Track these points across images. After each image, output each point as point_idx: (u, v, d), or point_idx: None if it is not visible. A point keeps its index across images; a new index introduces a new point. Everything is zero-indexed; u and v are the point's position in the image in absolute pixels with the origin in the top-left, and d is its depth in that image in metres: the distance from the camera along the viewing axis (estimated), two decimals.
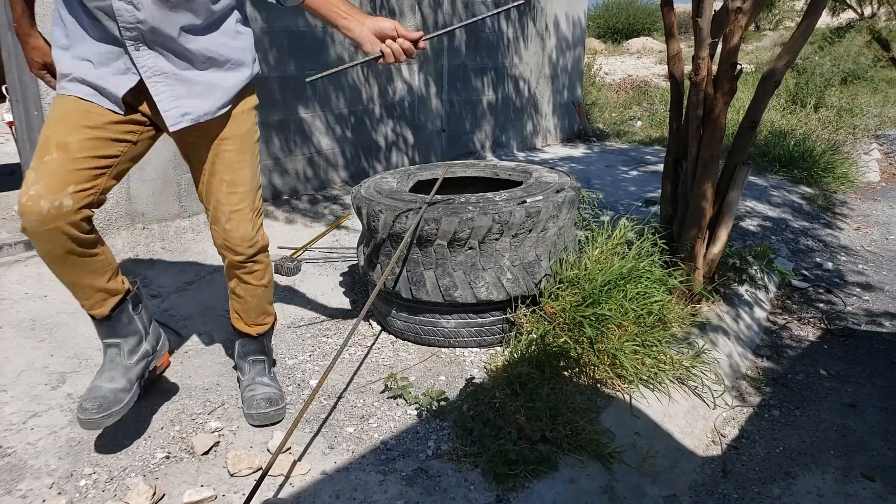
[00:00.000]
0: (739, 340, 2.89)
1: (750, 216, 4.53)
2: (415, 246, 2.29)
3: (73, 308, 2.66)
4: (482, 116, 6.06)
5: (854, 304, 3.48)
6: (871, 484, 2.07)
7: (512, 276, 2.30)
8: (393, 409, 2.06)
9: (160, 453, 1.82)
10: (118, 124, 1.64)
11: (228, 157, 1.77)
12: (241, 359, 2.07)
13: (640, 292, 2.40)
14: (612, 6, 20.47)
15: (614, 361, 2.21)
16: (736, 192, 2.84)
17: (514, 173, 2.81)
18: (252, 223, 1.83)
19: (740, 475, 2.11)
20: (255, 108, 1.85)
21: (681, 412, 2.26)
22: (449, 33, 1.66)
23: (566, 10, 6.84)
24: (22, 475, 1.73)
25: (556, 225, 2.38)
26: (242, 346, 2.07)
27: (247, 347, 2.07)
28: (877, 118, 8.33)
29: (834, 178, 5.83)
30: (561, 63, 6.96)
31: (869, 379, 2.72)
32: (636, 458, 1.95)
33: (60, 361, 2.29)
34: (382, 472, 1.76)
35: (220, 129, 1.75)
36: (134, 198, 3.46)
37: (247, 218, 1.81)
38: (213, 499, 1.65)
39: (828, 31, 11.21)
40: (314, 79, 1.65)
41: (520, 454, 1.78)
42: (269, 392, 1.98)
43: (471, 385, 2.09)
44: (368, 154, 5.01)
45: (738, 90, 2.75)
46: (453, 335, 2.41)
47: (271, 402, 1.96)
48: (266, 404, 1.95)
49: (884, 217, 5.12)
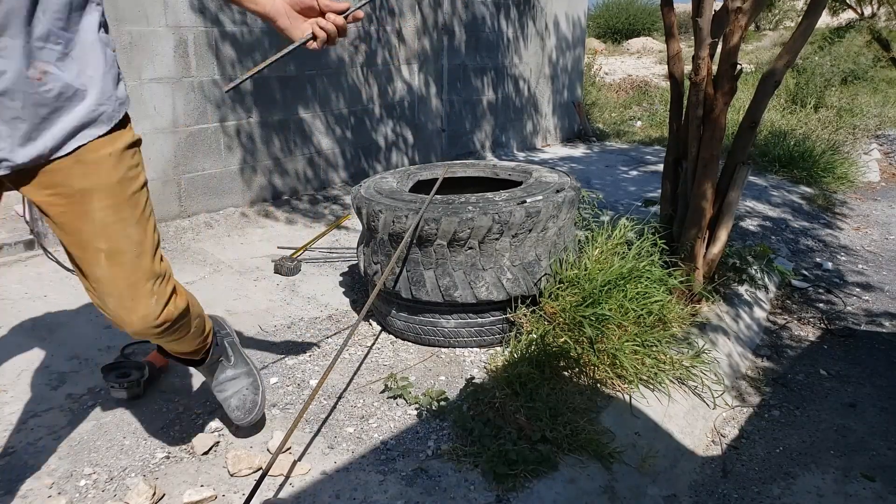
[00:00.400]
0: (739, 340, 2.89)
1: (750, 216, 4.53)
2: (415, 246, 2.29)
3: (73, 308, 2.66)
4: (482, 116, 6.06)
5: (854, 304, 3.48)
6: (872, 484, 2.07)
7: (512, 275, 2.30)
8: (393, 409, 2.06)
9: (160, 453, 1.82)
10: None
11: (100, 217, 1.30)
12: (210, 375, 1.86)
13: (640, 292, 2.40)
14: (612, 6, 20.47)
15: (614, 361, 2.21)
16: (736, 192, 2.84)
17: (514, 173, 2.81)
18: (152, 295, 1.39)
19: (740, 475, 2.11)
20: (131, 146, 1.36)
21: (681, 412, 2.26)
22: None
23: (566, 10, 6.83)
24: (22, 475, 1.73)
25: (555, 225, 2.38)
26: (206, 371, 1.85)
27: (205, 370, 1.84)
28: (877, 118, 8.33)
29: (834, 178, 5.83)
30: (561, 63, 6.96)
31: (869, 379, 2.72)
32: (636, 458, 1.95)
33: (60, 362, 2.29)
34: (382, 472, 1.77)
35: (77, 179, 1.27)
36: None
37: (143, 293, 1.37)
38: (213, 499, 1.65)
39: (827, 31, 11.20)
40: (232, 87, 1.36)
41: (520, 454, 1.78)
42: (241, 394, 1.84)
43: (471, 385, 2.09)
44: (368, 154, 5.01)
45: (738, 90, 2.75)
46: (453, 335, 2.41)
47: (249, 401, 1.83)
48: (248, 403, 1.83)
49: (884, 217, 5.12)
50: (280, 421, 2.00)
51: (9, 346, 2.36)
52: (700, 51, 2.69)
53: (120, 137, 1.33)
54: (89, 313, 2.63)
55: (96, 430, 1.92)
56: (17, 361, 2.27)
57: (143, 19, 3.34)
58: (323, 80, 4.51)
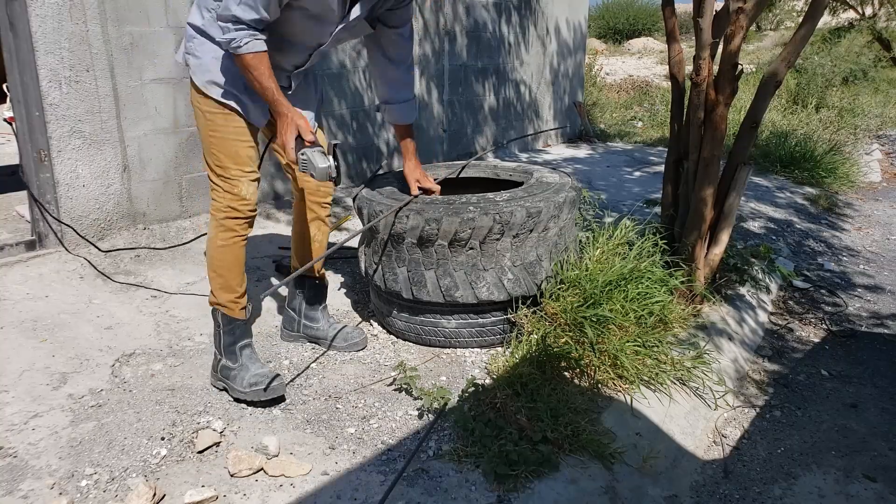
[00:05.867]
0: (741, 341, 2.88)
1: (753, 217, 4.52)
2: (416, 246, 2.29)
3: (75, 309, 2.66)
4: (483, 119, 6.06)
5: (855, 304, 3.48)
6: (873, 484, 2.06)
7: (513, 276, 2.30)
8: (394, 410, 2.06)
9: (161, 453, 1.82)
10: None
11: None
12: (313, 309, 2.47)
13: (641, 293, 2.40)
14: (613, 6, 20.48)
15: (615, 362, 2.21)
16: (737, 193, 2.83)
17: (514, 174, 2.81)
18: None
19: (742, 475, 2.11)
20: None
21: (682, 413, 2.26)
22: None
23: (567, 15, 6.84)
24: (23, 475, 1.73)
25: (556, 225, 2.38)
26: (317, 295, 2.48)
27: (320, 295, 2.49)
28: (878, 118, 8.32)
29: (835, 178, 5.83)
30: (562, 67, 6.96)
31: (870, 379, 2.72)
32: (637, 459, 1.95)
33: (62, 362, 2.29)
34: (383, 473, 1.76)
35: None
36: (135, 198, 3.47)
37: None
38: (214, 499, 1.65)
39: (827, 31, 11.20)
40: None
41: (521, 455, 1.78)
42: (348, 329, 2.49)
43: (472, 385, 2.09)
44: (370, 156, 5.01)
45: (739, 90, 2.75)
46: (454, 335, 2.41)
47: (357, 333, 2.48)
48: (356, 334, 2.46)
49: (885, 217, 5.12)
50: (281, 422, 2.00)
51: (10, 347, 2.37)
52: (701, 51, 2.68)
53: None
54: (90, 314, 2.64)
55: (97, 431, 1.92)
56: (18, 361, 2.27)
57: (144, 20, 3.34)
58: (324, 82, 4.51)
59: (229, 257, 2.12)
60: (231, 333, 2.14)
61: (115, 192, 3.37)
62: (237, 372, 2.09)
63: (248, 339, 2.18)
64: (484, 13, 5.77)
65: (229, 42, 1.86)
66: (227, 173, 2.06)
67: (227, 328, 2.14)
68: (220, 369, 2.14)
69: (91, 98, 3.18)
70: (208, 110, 2.05)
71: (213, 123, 2.05)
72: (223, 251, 2.11)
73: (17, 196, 3.78)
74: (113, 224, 3.38)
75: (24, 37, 2.91)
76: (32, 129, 3.00)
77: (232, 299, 2.13)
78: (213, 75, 2.01)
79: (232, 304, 2.13)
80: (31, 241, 3.11)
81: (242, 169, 2.07)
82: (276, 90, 1.94)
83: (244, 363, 2.10)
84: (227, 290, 2.13)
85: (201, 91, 2.03)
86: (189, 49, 2.05)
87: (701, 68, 2.68)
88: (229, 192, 2.07)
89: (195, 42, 2.03)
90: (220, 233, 2.10)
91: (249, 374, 2.07)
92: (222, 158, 2.06)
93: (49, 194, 3.10)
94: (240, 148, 2.07)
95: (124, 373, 2.25)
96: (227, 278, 2.12)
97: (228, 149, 2.06)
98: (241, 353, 2.13)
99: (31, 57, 2.94)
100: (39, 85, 2.99)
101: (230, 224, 2.09)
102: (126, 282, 2.95)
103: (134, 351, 2.39)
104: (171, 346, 2.45)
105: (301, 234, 2.41)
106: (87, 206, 3.25)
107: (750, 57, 13.22)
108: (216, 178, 2.08)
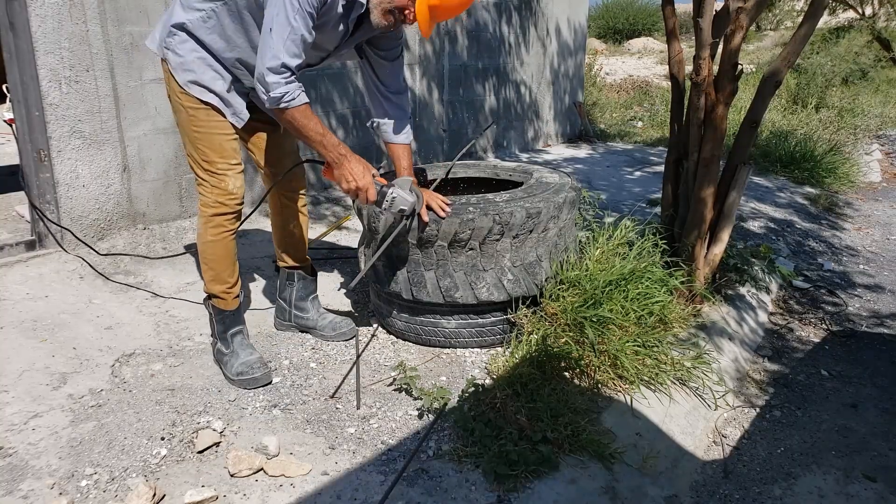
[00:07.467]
0: (740, 341, 2.88)
1: (753, 217, 4.52)
2: (415, 247, 2.29)
3: (75, 309, 2.66)
4: (484, 119, 6.06)
5: (855, 304, 3.48)
6: (873, 485, 2.06)
7: (513, 276, 2.30)
8: (394, 410, 2.06)
9: (161, 453, 1.82)
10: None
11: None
12: (303, 300, 2.52)
13: (641, 293, 2.40)
14: (613, 6, 20.47)
15: (615, 362, 2.21)
16: (737, 193, 2.83)
17: (514, 174, 2.81)
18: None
19: (742, 475, 2.11)
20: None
21: (682, 413, 2.26)
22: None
23: (567, 16, 6.84)
24: (23, 475, 1.73)
25: (556, 225, 2.38)
26: (307, 286, 2.53)
27: (309, 286, 2.54)
28: (878, 118, 8.32)
29: (835, 178, 5.83)
30: (562, 68, 6.96)
31: (870, 379, 2.72)
32: (637, 459, 1.95)
33: (62, 362, 2.29)
34: (383, 473, 1.76)
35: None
36: (135, 198, 3.47)
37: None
38: (214, 499, 1.65)
39: (827, 31, 11.20)
40: (356, 283, 2.15)
41: (521, 454, 1.78)
42: (337, 319, 2.53)
43: (472, 385, 2.09)
44: (370, 155, 5.01)
45: (739, 90, 2.75)
46: (454, 336, 2.41)
47: (345, 323, 2.51)
48: (345, 324, 2.50)
49: (885, 217, 5.12)
50: (281, 422, 2.00)
51: (10, 347, 2.37)
52: (701, 51, 2.68)
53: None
54: (90, 314, 2.64)
55: (97, 431, 1.92)
56: (18, 361, 2.27)
57: (144, 20, 3.34)
58: (325, 82, 4.51)
59: (219, 251, 2.19)
60: (222, 322, 2.25)
61: (115, 192, 3.37)
62: (228, 358, 2.21)
63: (240, 326, 2.29)
64: (484, 13, 5.77)
65: (280, 97, 1.84)
66: (213, 168, 2.10)
67: (218, 317, 2.25)
68: (216, 352, 2.27)
69: (91, 98, 3.18)
70: (190, 106, 2.07)
71: (196, 119, 2.07)
72: (213, 246, 2.18)
73: (17, 196, 3.78)
74: (113, 224, 3.38)
75: (24, 37, 2.91)
76: (32, 129, 3.00)
77: (224, 290, 2.23)
78: (195, 75, 2.03)
79: (224, 294, 2.23)
80: (30, 241, 3.12)
81: (228, 162, 2.11)
82: (333, 134, 1.98)
83: (235, 349, 2.22)
84: (218, 282, 2.22)
85: (182, 88, 2.05)
86: (169, 45, 2.05)
87: (701, 68, 2.68)
88: (216, 187, 2.11)
89: (176, 39, 2.03)
90: (210, 228, 2.16)
91: (238, 361, 2.19)
92: (208, 153, 2.09)
93: (49, 194, 3.10)
94: (224, 141, 2.10)
95: (124, 373, 2.25)
96: (218, 270, 2.21)
97: (213, 143, 2.09)
98: (233, 339, 2.24)
99: (30, 57, 2.94)
100: (39, 85, 2.98)
101: (219, 220, 2.15)
102: (125, 282, 2.94)
103: (134, 351, 2.39)
104: (170, 346, 2.45)
105: (281, 226, 2.48)
106: (87, 207, 3.25)
107: (750, 57, 13.23)
108: (203, 172, 2.12)
